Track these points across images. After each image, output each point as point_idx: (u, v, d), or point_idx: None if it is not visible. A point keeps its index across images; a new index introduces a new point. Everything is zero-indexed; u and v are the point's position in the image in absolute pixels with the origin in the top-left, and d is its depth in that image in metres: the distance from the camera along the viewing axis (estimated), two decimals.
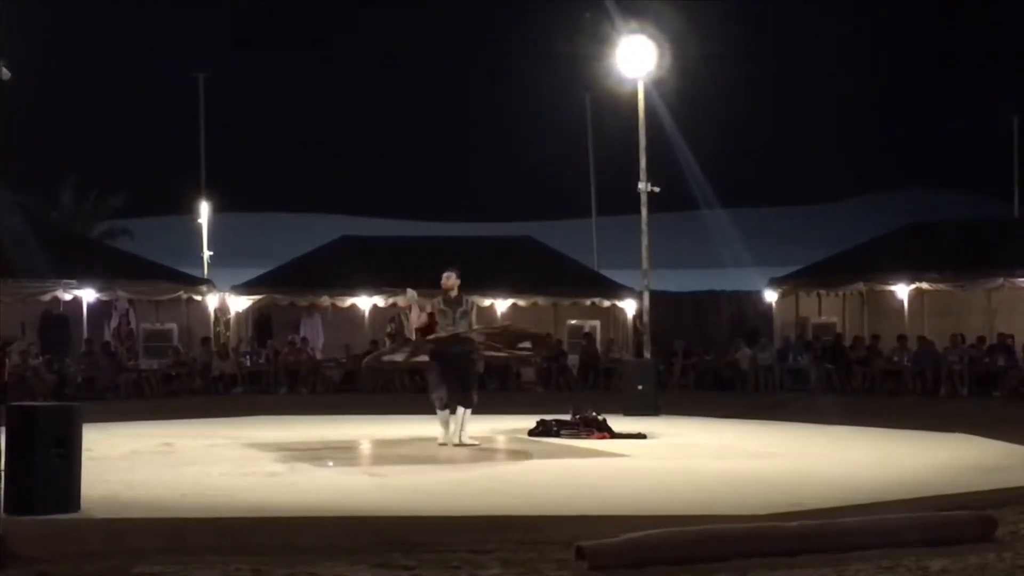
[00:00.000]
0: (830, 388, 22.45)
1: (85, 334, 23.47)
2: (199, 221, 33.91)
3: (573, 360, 25.38)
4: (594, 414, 14.29)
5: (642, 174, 18.98)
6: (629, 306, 26.13)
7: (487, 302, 24.43)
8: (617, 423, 14.45)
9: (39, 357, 22.08)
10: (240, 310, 25.50)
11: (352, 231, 34.24)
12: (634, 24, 19.05)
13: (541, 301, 25.94)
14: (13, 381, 16.26)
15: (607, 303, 26.61)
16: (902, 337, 23.15)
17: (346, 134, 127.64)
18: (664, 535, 6.78)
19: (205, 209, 33.77)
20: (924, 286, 23.92)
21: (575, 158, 39.70)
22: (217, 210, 34.83)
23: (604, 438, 13.61)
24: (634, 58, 18.88)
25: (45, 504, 7.80)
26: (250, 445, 12.90)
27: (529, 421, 14.54)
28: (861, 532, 7.12)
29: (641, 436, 13.79)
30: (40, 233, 24.77)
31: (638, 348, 21.93)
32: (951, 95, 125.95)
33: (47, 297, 23.14)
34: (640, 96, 19.06)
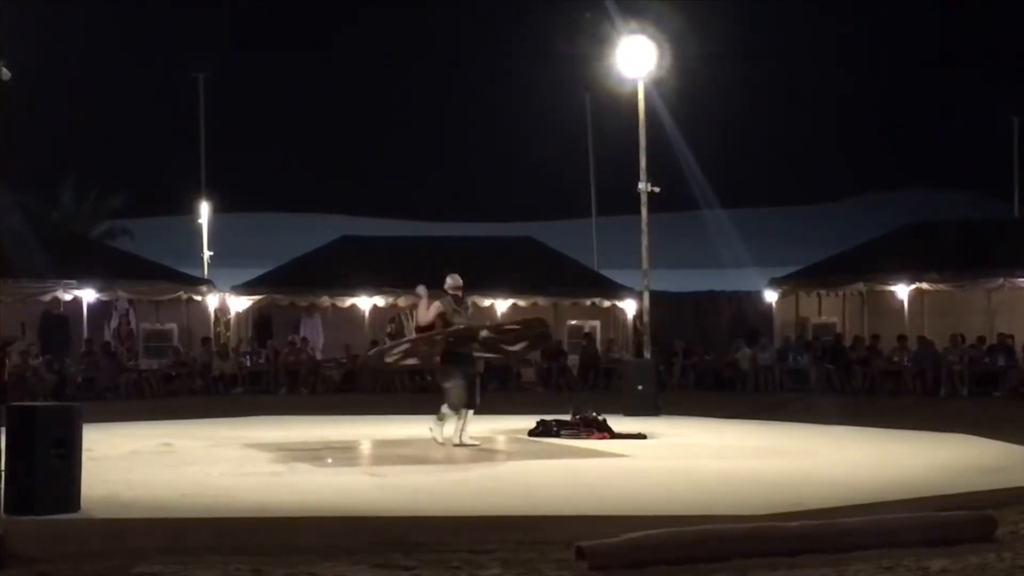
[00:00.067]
0: (830, 388, 22.44)
1: (85, 334, 23.46)
2: (199, 221, 33.92)
3: (573, 360, 25.37)
4: (594, 414, 14.30)
5: (642, 174, 18.98)
6: (629, 306, 26.12)
7: (487, 302, 24.46)
8: (617, 423, 14.45)
9: (39, 357, 22.08)
10: (240, 310, 25.49)
11: (352, 231, 34.23)
12: (634, 24, 19.06)
13: (541, 301, 25.92)
14: (13, 381, 16.22)
15: (607, 303, 26.61)
16: (902, 337, 23.14)
17: (346, 134, 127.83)
18: (664, 535, 6.79)
19: (205, 209, 33.78)
20: (924, 286, 23.91)
21: (575, 158, 39.75)
22: (217, 210, 34.84)
23: (604, 438, 13.61)
24: (634, 58, 18.88)
25: (45, 504, 7.80)
26: (250, 445, 12.90)
27: (529, 421, 14.55)
28: (861, 532, 7.13)
29: (641, 436, 13.80)
30: (40, 233, 24.77)
31: (638, 348, 21.92)
32: (951, 95, 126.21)
33: (47, 297, 23.14)
34: (640, 96, 19.05)
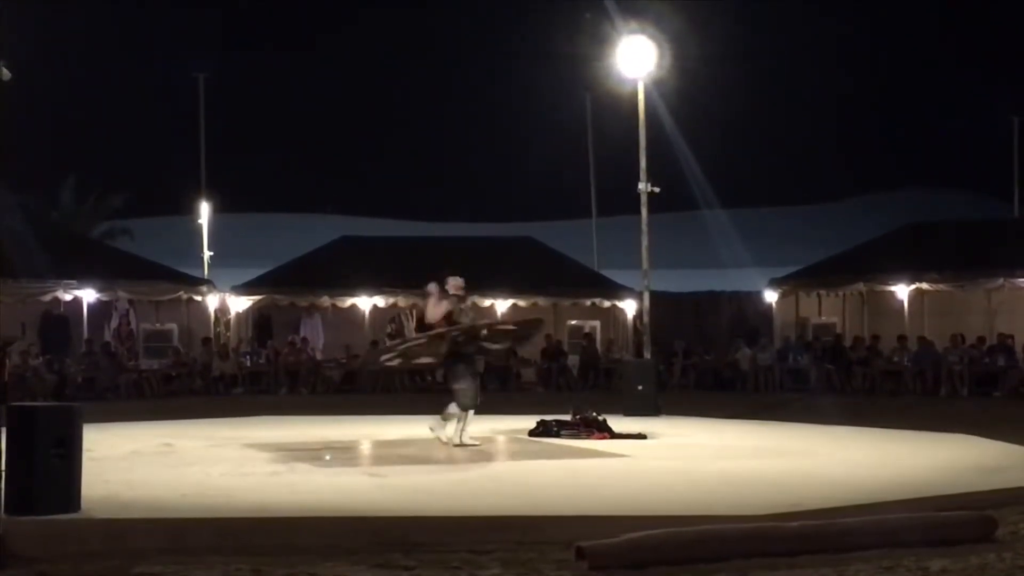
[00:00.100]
0: (830, 388, 22.44)
1: (85, 334, 23.46)
2: (199, 221, 33.92)
3: (573, 360, 25.37)
4: (594, 414, 14.30)
5: (642, 174, 18.98)
6: (629, 306, 26.12)
7: (487, 302, 24.45)
8: (617, 423, 14.45)
9: (39, 357, 22.08)
10: (240, 310, 25.49)
11: (352, 231, 34.23)
12: (634, 24, 19.06)
13: (541, 301, 25.91)
14: (13, 381, 16.21)
15: (607, 303, 26.61)
16: (902, 337, 23.14)
17: (346, 134, 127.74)
18: (664, 535, 6.78)
19: (205, 209, 33.78)
20: (924, 286, 23.91)
21: (575, 158, 39.73)
22: (217, 210, 34.84)
23: (604, 438, 13.61)
24: (634, 58, 18.88)
25: (45, 504, 7.80)
26: (250, 445, 12.90)
27: (529, 421, 14.55)
28: (861, 532, 7.13)
29: (641, 436, 13.80)
30: (40, 233, 24.77)
31: (638, 348, 21.92)
32: (951, 95, 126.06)
33: (47, 297, 23.14)
34: (640, 96, 19.05)
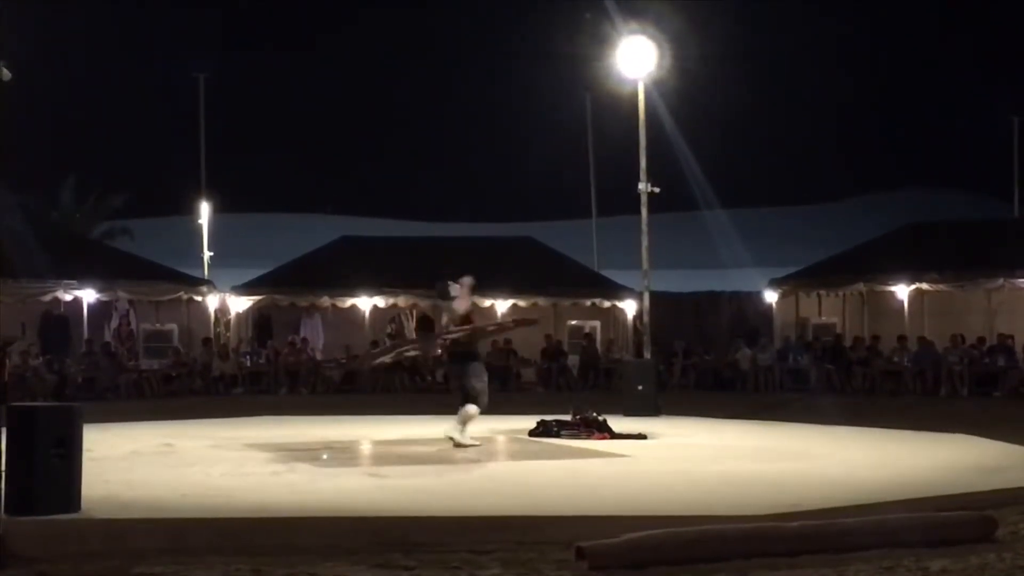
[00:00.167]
0: (830, 388, 22.44)
1: (85, 334, 23.46)
2: (199, 221, 33.92)
3: (573, 360, 25.38)
4: (594, 414, 14.29)
5: (642, 174, 18.98)
6: (629, 306, 26.12)
7: (487, 302, 24.44)
8: (617, 423, 14.44)
9: (39, 357, 22.09)
10: (240, 310, 25.49)
11: (352, 231, 34.22)
12: (634, 24, 19.07)
13: (541, 302, 25.92)
14: (13, 381, 16.24)
15: (607, 304, 26.61)
16: (902, 337, 23.14)
17: (346, 134, 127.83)
18: (664, 535, 6.78)
19: (205, 209, 33.78)
20: (924, 286, 23.91)
21: (575, 158, 39.74)
22: (217, 210, 34.85)
23: (604, 438, 13.61)
24: (634, 58, 18.89)
25: (45, 504, 7.80)
26: (250, 445, 12.90)
27: (529, 421, 14.54)
28: (861, 532, 7.12)
29: (641, 436, 13.79)
30: (40, 233, 24.80)
31: (638, 348, 21.92)
32: (951, 95, 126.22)
33: (47, 297, 23.15)
34: (640, 96, 19.06)
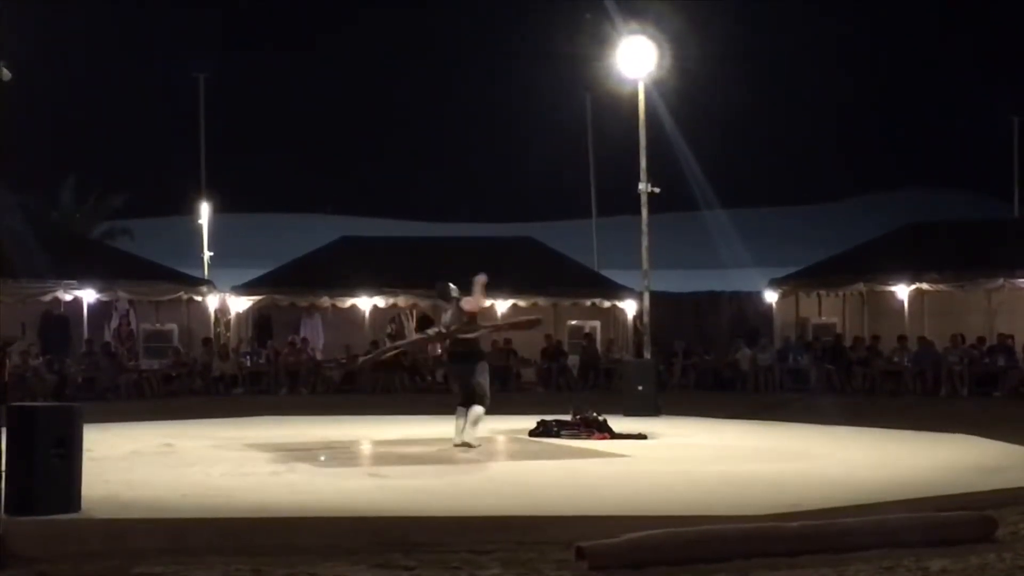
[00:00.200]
0: (830, 388, 22.44)
1: (85, 334, 23.46)
2: (199, 221, 33.92)
3: (573, 360, 25.37)
4: (594, 414, 14.29)
5: (642, 174, 18.98)
6: (629, 306, 26.12)
7: (487, 302, 24.37)
8: (617, 423, 14.45)
9: (39, 357, 22.08)
10: (240, 311, 25.49)
11: (352, 231, 34.22)
12: (634, 24, 19.07)
13: (541, 302, 25.90)
14: (13, 381, 16.22)
15: (607, 304, 26.60)
16: (902, 337, 23.14)
17: (346, 134, 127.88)
18: (664, 535, 6.78)
19: (205, 209, 33.78)
20: (924, 286, 23.91)
21: (575, 158, 39.76)
22: (217, 210, 34.85)
23: (604, 438, 13.61)
24: (634, 58, 18.89)
25: (45, 504, 7.80)
26: (250, 445, 12.90)
27: (529, 421, 14.54)
28: (861, 532, 7.12)
29: (641, 436, 13.79)
30: (40, 233, 24.80)
31: (638, 348, 21.92)
32: (951, 95, 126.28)
33: (47, 297, 23.15)
34: (640, 96, 19.06)
